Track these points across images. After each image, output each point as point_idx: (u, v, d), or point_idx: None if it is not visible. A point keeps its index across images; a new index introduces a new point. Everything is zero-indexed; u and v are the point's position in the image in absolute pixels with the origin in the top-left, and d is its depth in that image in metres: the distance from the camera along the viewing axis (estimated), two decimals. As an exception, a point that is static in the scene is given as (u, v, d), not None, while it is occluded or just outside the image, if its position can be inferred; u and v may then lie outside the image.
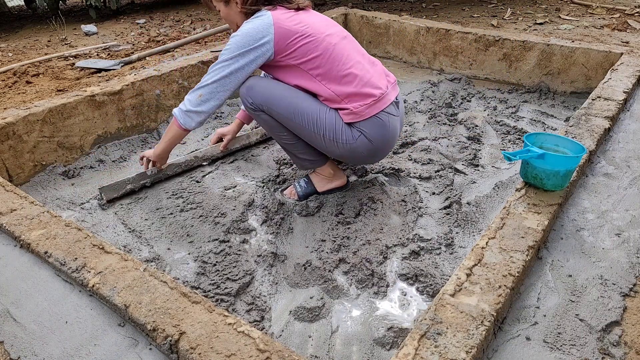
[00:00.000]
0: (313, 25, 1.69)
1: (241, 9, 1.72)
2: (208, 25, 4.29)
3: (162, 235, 1.75)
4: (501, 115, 2.63)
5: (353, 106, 1.67)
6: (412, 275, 1.53)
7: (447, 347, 0.94)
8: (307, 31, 1.66)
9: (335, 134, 1.69)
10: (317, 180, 1.93)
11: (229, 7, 1.74)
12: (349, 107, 1.67)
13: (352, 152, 1.73)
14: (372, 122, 1.69)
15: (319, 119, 1.69)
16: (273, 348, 0.95)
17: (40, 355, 1.02)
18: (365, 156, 1.76)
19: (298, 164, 1.91)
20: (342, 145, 1.71)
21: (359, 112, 1.67)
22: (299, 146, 1.81)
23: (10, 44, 3.94)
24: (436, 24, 3.24)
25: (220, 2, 1.75)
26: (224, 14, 1.78)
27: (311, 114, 1.69)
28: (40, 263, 1.26)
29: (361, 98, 1.67)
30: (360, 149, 1.71)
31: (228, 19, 1.80)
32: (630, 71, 2.39)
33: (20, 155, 2.02)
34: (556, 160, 1.39)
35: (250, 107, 1.75)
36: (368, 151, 1.73)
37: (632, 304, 1.16)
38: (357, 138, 1.69)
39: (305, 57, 1.66)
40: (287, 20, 1.67)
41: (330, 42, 1.68)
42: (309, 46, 1.66)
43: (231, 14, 1.76)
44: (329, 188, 1.94)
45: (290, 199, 1.93)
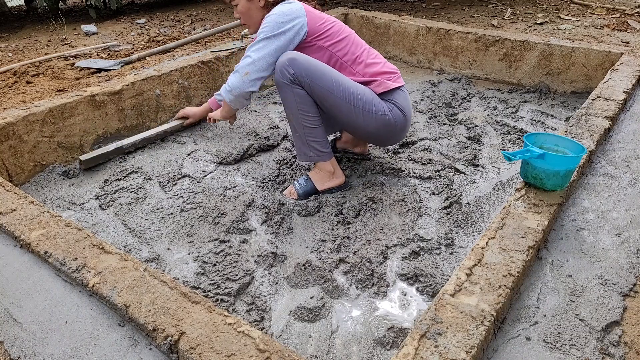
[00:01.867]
0: (332, 18, 1.86)
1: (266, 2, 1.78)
2: (208, 25, 4.29)
3: (162, 235, 1.75)
4: (501, 115, 2.63)
5: (380, 79, 1.82)
6: (412, 275, 1.52)
7: (447, 347, 0.94)
8: (329, 18, 1.84)
9: (374, 107, 1.78)
10: (317, 178, 1.93)
11: (251, 2, 1.78)
12: (380, 79, 1.82)
13: (387, 125, 1.82)
14: (399, 94, 1.84)
15: (357, 92, 1.76)
16: (273, 348, 0.95)
17: (40, 355, 1.02)
18: (398, 130, 1.86)
19: (303, 153, 1.88)
20: (380, 118, 1.79)
21: (387, 83, 1.81)
22: (316, 132, 1.81)
23: (10, 44, 3.94)
24: (436, 24, 3.24)
25: None
26: (243, 9, 1.79)
27: (350, 88, 1.75)
28: (40, 263, 1.26)
29: (384, 74, 1.84)
30: (394, 121, 1.82)
31: (247, 15, 1.81)
32: (630, 71, 2.39)
33: (20, 155, 2.02)
34: (556, 160, 1.39)
35: (288, 79, 1.71)
36: (401, 124, 1.85)
37: (632, 304, 1.16)
38: (392, 110, 1.81)
39: (334, 39, 1.80)
40: (311, 9, 1.83)
41: (346, 29, 1.86)
42: (336, 30, 1.81)
43: (252, 8, 1.79)
44: (329, 187, 1.94)
45: (290, 199, 1.93)
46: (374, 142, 1.99)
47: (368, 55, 1.86)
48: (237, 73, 1.81)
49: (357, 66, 1.83)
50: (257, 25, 1.88)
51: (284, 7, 1.77)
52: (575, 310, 1.14)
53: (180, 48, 3.39)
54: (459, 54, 3.14)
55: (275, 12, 1.76)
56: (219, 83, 2.79)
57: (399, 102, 1.82)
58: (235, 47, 2.89)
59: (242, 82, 1.79)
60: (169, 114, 2.57)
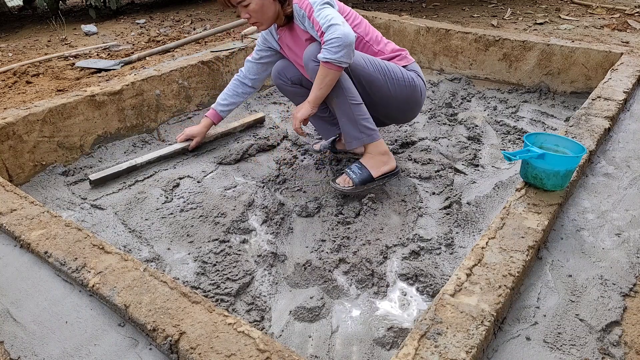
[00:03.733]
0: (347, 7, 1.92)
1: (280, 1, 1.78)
2: (208, 25, 4.29)
3: (162, 235, 1.75)
4: (501, 115, 2.63)
5: (401, 54, 1.96)
6: (412, 275, 1.52)
7: (447, 347, 0.94)
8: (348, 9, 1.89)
9: (403, 76, 1.89)
10: (371, 163, 1.89)
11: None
12: (399, 54, 1.95)
13: (414, 93, 1.93)
14: (416, 66, 1.99)
15: (387, 65, 1.87)
16: (273, 348, 0.95)
17: (40, 355, 1.02)
18: (421, 99, 1.99)
19: (355, 137, 1.85)
20: (409, 85, 1.90)
21: (407, 57, 1.97)
22: (362, 108, 1.83)
23: (10, 44, 3.94)
24: (436, 24, 3.24)
25: None
26: (256, 7, 1.74)
27: (380, 62, 1.86)
28: (40, 263, 1.26)
29: (400, 50, 1.98)
30: (420, 88, 1.95)
31: (260, 12, 1.76)
32: (630, 71, 2.39)
33: (20, 155, 2.02)
34: (556, 160, 1.39)
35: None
36: (424, 91, 1.99)
37: (632, 304, 1.16)
38: (415, 79, 1.93)
39: (356, 20, 1.89)
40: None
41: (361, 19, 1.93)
42: (353, 16, 1.89)
43: (266, 4, 1.75)
44: (384, 172, 1.91)
45: (346, 187, 1.86)
46: (398, 116, 2.04)
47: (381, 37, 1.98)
48: (333, 27, 1.63)
49: (379, 45, 1.93)
50: (270, 21, 1.82)
51: None
52: (575, 310, 1.14)
53: (180, 48, 3.39)
54: (459, 54, 3.14)
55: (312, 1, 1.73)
56: (219, 83, 2.79)
57: (419, 72, 1.98)
58: (235, 47, 2.89)
59: (345, 28, 1.64)
60: (169, 114, 2.57)
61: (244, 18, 1.80)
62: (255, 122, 2.56)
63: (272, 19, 1.82)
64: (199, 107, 2.71)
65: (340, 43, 1.63)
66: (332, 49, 1.64)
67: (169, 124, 2.56)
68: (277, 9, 1.80)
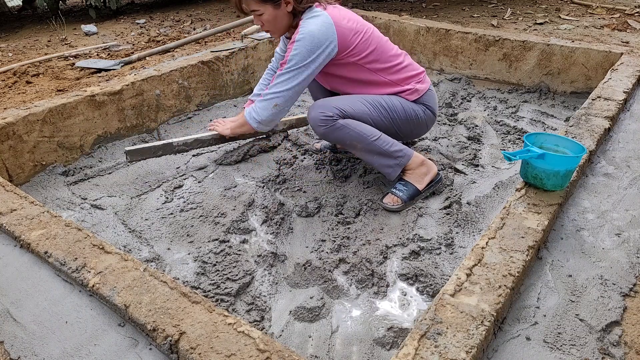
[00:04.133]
0: (357, 19, 1.81)
1: (294, 9, 1.73)
2: (208, 25, 4.29)
3: (162, 235, 1.75)
4: (501, 115, 2.63)
5: (413, 85, 1.87)
6: (412, 275, 1.52)
7: (447, 347, 0.94)
8: (358, 28, 1.78)
9: (406, 114, 1.86)
10: (414, 178, 1.88)
11: (278, 9, 1.70)
12: (410, 87, 1.87)
13: (419, 126, 1.93)
14: (429, 95, 1.92)
15: (388, 107, 1.84)
16: (273, 348, 0.95)
17: (40, 355, 1.02)
18: (428, 127, 1.98)
19: (391, 167, 1.85)
20: (412, 121, 1.88)
21: (420, 88, 1.88)
22: (384, 138, 1.81)
23: (10, 44, 3.94)
24: (436, 24, 3.24)
25: (266, 6, 1.70)
26: (269, 17, 1.72)
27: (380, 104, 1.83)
28: (40, 263, 1.26)
29: (414, 77, 1.89)
30: (426, 121, 1.92)
31: (273, 22, 1.74)
32: (630, 71, 2.39)
33: (20, 155, 2.02)
34: (556, 160, 1.39)
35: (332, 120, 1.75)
36: (431, 122, 1.97)
37: (632, 304, 1.16)
38: (424, 111, 1.90)
39: (363, 52, 1.79)
40: (340, 18, 1.75)
41: (375, 34, 1.83)
42: (365, 43, 1.79)
43: (279, 16, 1.72)
44: (428, 182, 1.90)
45: (395, 206, 1.83)
46: (404, 138, 2.03)
47: (396, 58, 1.87)
48: (266, 102, 1.80)
49: (389, 75, 1.85)
50: (282, 31, 1.81)
51: (316, 25, 1.69)
52: (575, 310, 1.14)
53: (180, 48, 3.39)
54: (459, 54, 3.14)
55: (305, 34, 1.69)
56: (219, 83, 2.79)
57: (429, 104, 1.92)
58: (235, 47, 2.89)
59: (272, 113, 1.81)
60: (169, 114, 2.57)
61: (257, 25, 1.79)
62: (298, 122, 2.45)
63: (284, 30, 1.81)
64: (199, 107, 2.71)
65: (259, 120, 1.83)
66: (253, 115, 1.84)
67: (169, 124, 2.56)
68: (290, 22, 1.78)
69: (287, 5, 1.71)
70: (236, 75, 2.88)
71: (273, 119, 1.84)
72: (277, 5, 1.70)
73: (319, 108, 1.78)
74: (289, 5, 1.71)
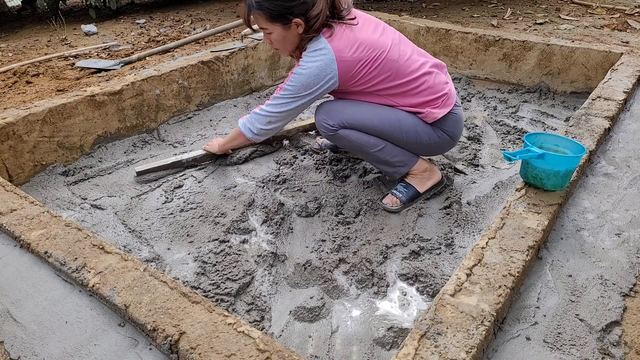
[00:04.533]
0: (370, 42, 1.66)
1: (302, 36, 1.66)
2: (208, 25, 4.29)
3: (162, 235, 1.75)
4: (501, 115, 2.63)
5: (431, 109, 1.73)
6: (412, 275, 1.52)
7: (447, 347, 0.94)
8: (368, 55, 1.65)
9: (418, 136, 1.76)
10: (416, 181, 1.88)
11: (287, 30, 1.65)
12: (427, 110, 1.73)
13: (433, 149, 1.85)
14: (450, 119, 1.78)
15: (400, 125, 1.74)
16: (273, 348, 0.95)
17: (40, 355, 1.02)
18: (442, 151, 1.90)
19: (392, 171, 1.87)
20: (425, 144, 1.79)
21: (437, 113, 1.73)
22: (388, 148, 1.79)
23: (10, 44, 3.94)
24: (436, 24, 3.24)
25: (275, 25, 1.64)
26: (278, 37, 1.68)
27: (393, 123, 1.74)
28: (40, 263, 1.26)
29: (434, 101, 1.73)
30: (441, 145, 1.82)
31: (282, 42, 1.70)
32: (630, 71, 2.39)
33: (20, 155, 2.02)
34: (556, 160, 1.39)
35: (332, 129, 1.76)
36: (448, 146, 1.86)
37: (632, 304, 1.16)
38: (441, 137, 1.79)
39: (372, 82, 1.69)
40: (346, 48, 1.63)
41: (391, 57, 1.67)
42: (374, 71, 1.67)
43: (288, 37, 1.67)
44: (430, 186, 1.90)
45: (394, 207, 1.84)
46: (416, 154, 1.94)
47: (415, 81, 1.71)
48: (261, 117, 1.81)
49: (402, 98, 1.73)
50: (290, 50, 1.76)
51: (315, 63, 1.64)
52: (575, 310, 1.14)
53: (180, 48, 3.39)
54: (459, 54, 3.14)
55: (303, 71, 1.66)
56: (219, 83, 2.79)
57: (447, 129, 1.78)
58: (235, 47, 2.89)
59: (267, 129, 1.84)
60: (169, 114, 2.57)
61: (266, 41, 1.77)
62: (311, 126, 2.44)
63: (293, 50, 1.76)
64: (199, 107, 2.71)
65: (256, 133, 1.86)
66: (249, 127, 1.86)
67: (169, 124, 2.56)
68: (299, 43, 1.71)
69: (298, 27, 1.64)
70: (236, 75, 2.88)
71: (268, 132, 1.87)
72: (287, 27, 1.64)
73: (323, 114, 1.78)
74: (300, 28, 1.64)
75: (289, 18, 1.61)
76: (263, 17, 1.63)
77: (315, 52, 1.65)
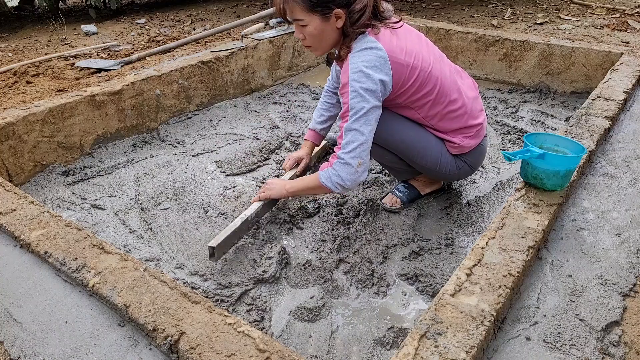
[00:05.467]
0: (417, 52, 1.53)
1: (342, 28, 1.48)
2: (208, 25, 4.29)
3: (162, 235, 1.75)
4: (501, 115, 2.63)
5: (460, 140, 1.65)
6: (412, 275, 1.52)
7: (447, 347, 0.94)
8: (415, 63, 1.51)
9: (440, 166, 1.69)
10: (418, 184, 1.87)
11: (326, 23, 1.45)
12: (456, 141, 1.65)
13: (451, 177, 1.79)
14: (476, 152, 1.72)
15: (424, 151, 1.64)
16: (273, 348, 0.95)
17: (40, 355, 1.02)
18: (461, 178, 1.84)
19: (399, 176, 1.88)
20: (444, 173, 1.73)
21: (466, 146, 1.66)
22: (402, 164, 1.76)
23: (10, 44, 3.94)
24: (436, 24, 3.24)
25: (314, 16, 1.44)
26: (314, 30, 1.47)
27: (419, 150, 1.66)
28: (40, 263, 1.26)
29: (467, 130, 1.66)
30: (459, 174, 1.76)
31: (318, 37, 1.49)
32: (630, 71, 2.39)
33: (20, 155, 2.01)
34: (556, 160, 1.39)
35: None
36: (466, 175, 1.80)
37: (632, 304, 1.16)
38: (461, 167, 1.73)
39: (417, 94, 1.56)
40: (396, 49, 1.48)
41: (434, 74, 1.55)
42: (422, 82, 1.54)
43: (326, 31, 1.47)
44: (431, 190, 1.90)
45: (394, 207, 1.82)
46: None
47: (455, 103, 1.60)
48: (348, 166, 1.49)
49: (439, 121, 1.62)
50: (326, 49, 1.56)
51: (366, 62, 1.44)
52: (575, 310, 1.14)
53: (180, 48, 3.39)
54: (459, 54, 3.14)
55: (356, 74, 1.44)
56: (219, 83, 2.79)
57: (470, 159, 1.72)
58: (235, 47, 2.89)
59: (357, 173, 1.51)
60: (169, 114, 2.56)
61: (298, 37, 1.54)
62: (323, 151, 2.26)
63: (328, 48, 1.56)
64: (199, 107, 2.71)
65: (344, 186, 1.52)
66: (334, 182, 1.52)
67: (169, 124, 2.56)
68: (337, 41, 1.52)
69: (338, 20, 1.45)
70: (236, 75, 2.88)
71: (361, 179, 1.54)
72: (327, 18, 1.44)
73: None
74: (340, 21, 1.45)
75: (331, 8, 1.43)
76: (301, 5, 1.43)
77: (366, 50, 1.46)
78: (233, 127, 2.57)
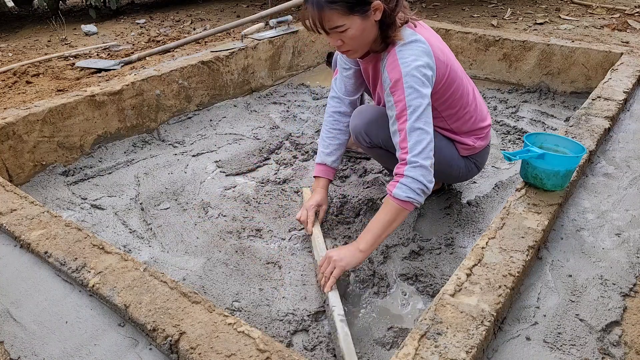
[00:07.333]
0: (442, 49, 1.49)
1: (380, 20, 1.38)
2: (208, 25, 4.29)
3: (162, 235, 1.75)
4: (501, 115, 2.63)
5: (472, 141, 1.65)
6: (412, 275, 1.52)
7: (447, 347, 0.94)
8: (447, 61, 1.48)
9: (450, 167, 1.68)
10: None
11: (367, 20, 1.35)
12: (468, 142, 1.65)
13: (458, 177, 1.78)
14: (484, 152, 1.74)
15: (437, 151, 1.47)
16: (273, 348, 0.95)
17: (40, 355, 1.02)
18: (468, 179, 1.84)
19: None
20: (454, 173, 1.72)
21: (477, 146, 1.67)
22: None
23: (10, 44, 3.94)
24: (436, 24, 3.24)
25: (354, 17, 1.33)
26: (357, 31, 1.36)
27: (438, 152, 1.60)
28: (40, 263, 1.26)
29: (478, 132, 1.66)
30: (467, 174, 1.77)
31: (359, 38, 1.38)
32: (630, 71, 2.39)
33: (20, 155, 2.02)
34: (556, 160, 1.39)
35: (368, 143, 1.66)
36: (472, 175, 1.80)
37: (632, 304, 1.16)
38: (470, 168, 1.74)
39: (444, 96, 1.51)
40: (434, 45, 1.43)
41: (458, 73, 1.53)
42: (449, 80, 1.49)
43: (367, 28, 1.37)
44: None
45: None
46: None
47: (469, 105, 1.59)
48: (423, 168, 1.36)
49: (454, 121, 1.60)
50: (365, 48, 1.45)
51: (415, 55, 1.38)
52: (575, 310, 1.14)
53: (180, 48, 3.39)
54: (459, 54, 3.14)
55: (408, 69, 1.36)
56: (219, 83, 2.79)
57: (478, 161, 1.74)
58: (235, 47, 2.89)
59: (431, 174, 1.38)
60: (169, 114, 2.57)
61: (335, 45, 1.42)
62: None
63: (367, 46, 1.45)
64: (199, 107, 2.71)
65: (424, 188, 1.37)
66: (416, 189, 1.35)
67: (169, 124, 2.56)
68: (376, 36, 1.42)
69: (376, 12, 1.35)
70: (236, 75, 2.88)
71: (433, 182, 1.41)
72: (366, 15, 1.34)
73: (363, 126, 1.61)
74: (378, 13, 1.35)
75: (368, 2, 1.33)
76: (339, 12, 1.32)
77: (412, 43, 1.39)
78: (233, 127, 2.57)
